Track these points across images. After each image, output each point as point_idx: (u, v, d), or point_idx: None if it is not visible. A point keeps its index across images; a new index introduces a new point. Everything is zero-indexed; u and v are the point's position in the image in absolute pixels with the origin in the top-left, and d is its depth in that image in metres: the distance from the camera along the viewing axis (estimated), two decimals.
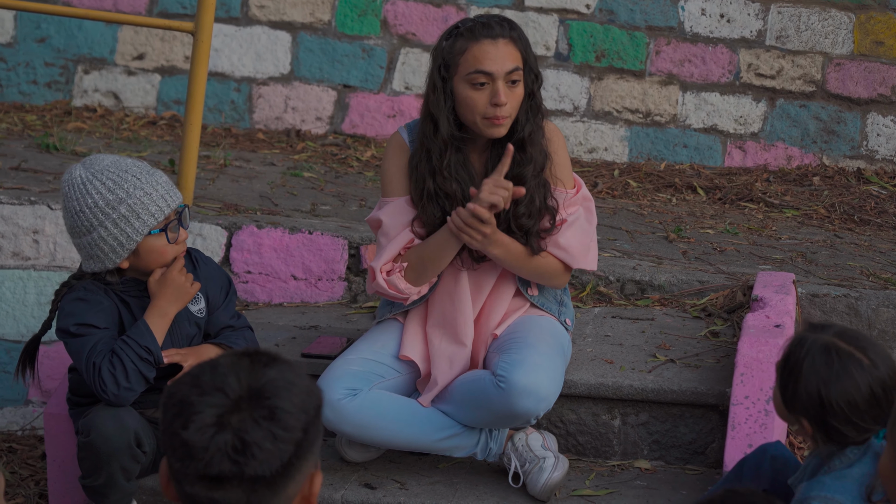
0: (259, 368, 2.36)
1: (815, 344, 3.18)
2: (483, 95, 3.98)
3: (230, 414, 2.31)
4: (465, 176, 4.07)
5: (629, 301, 4.91)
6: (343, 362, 4.09)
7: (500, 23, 4.00)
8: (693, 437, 4.26)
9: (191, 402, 2.33)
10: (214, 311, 4.05)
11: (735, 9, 6.75)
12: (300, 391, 2.37)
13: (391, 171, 4.15)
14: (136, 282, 3.89)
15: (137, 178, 3.78)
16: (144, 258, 3.83)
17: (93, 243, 3.78)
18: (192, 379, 2.36)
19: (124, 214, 3.75)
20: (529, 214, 4.05)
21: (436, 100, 4.02)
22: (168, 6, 6.85)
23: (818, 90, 6.74)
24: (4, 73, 6.86)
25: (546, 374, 3.94)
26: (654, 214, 5.93)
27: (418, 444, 4.09)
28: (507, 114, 3.99)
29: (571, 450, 4.32)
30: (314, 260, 5.01)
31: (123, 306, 3.87)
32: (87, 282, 3.85)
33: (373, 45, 6.84)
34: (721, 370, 4.33)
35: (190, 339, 3.97)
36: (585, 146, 6.82)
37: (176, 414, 2.34)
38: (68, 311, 3.82)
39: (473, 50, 3.97)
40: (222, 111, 6.86)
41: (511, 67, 3.98)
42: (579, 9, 6.78)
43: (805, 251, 5.45)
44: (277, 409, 2.32)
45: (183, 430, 2.31)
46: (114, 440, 3.71)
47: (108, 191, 3.75)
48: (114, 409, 3.76)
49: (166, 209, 3.80)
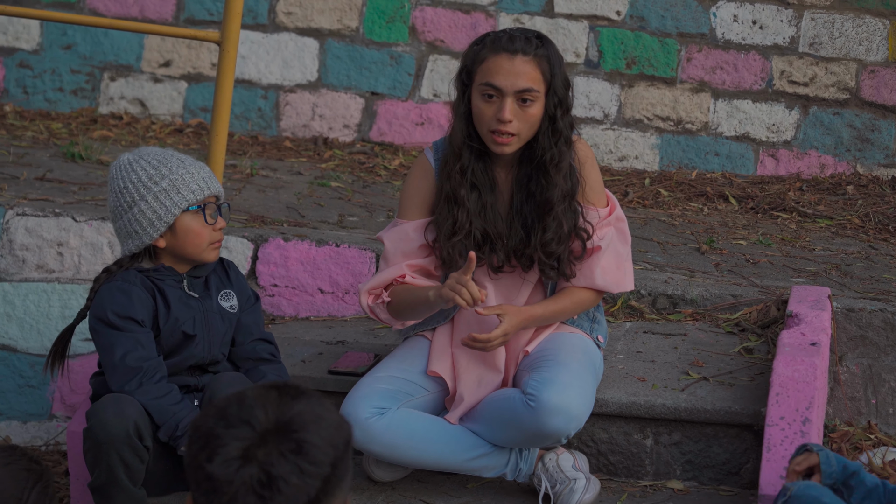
0: (287, 401, 2.31)
1: None
2: (491, 108, 3.92)
3: (256, 447, 2.25)
4: (485, 184, 4.01)
5: (661, 315, 4.83)
6: (371, 380, 4.03)
7: (527, 38, 3.92)
8: (727, 457, 4.19)
9: (216, 434, 2.28)
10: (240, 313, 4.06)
11: (768, 15, 6.66)
12: (329, 425, 2.31)
13: (408, 193, 4.10)
14: (171, 270, 3.94)
15: (181, 161, 3.92)
16: (181, 238, 3.89)
17: (133, 219, 3.87)
18: (217, 411, 2.32)
19: (165, 188, 3.86)
20: (558, 240, 3.98)
21: (455, 104, 3.99)
22: (195, 12, 6.81)
23: (852, 97, 6.65)
24: (31, 81, 6.83)
25: (577, 392, 3.88)
26: (685, 225, 5.85)
27: (447, 464, 4.03)
28: (512, 131, 3.92)
29: (603, 469, 4.25)
30: (341, 273, 4.95)
31: (159, 294, 3.91)
32: (126, 271, 3.91)
33: (401, 52, 6.78)
34: (755, 388, 4.25)
35: (223, 333, 4.00)
36: (616, 154, 6.75)
37: (201, 447, 2.29)
38: (108, 298, 3.86)
39: (489, 62, 3.91)
40: (249, 119, 6.81)
41: (523, 87, 3.89)
42: (610, 15, 6.71)
43: (840, 263, 5.36)
44: (305, 443, 2.26)
45: (208, 462, 2.26)
46: (111, 427, 3.70)
47: (153, 167, 3.89)
48: (115, 396, 3.77)
49: (206, 190, 3.90)
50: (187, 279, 3.97)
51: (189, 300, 3.95)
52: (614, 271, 4.05)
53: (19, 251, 4.89)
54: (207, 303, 3.98)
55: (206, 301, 3.98)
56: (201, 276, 4.00)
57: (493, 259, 4.05)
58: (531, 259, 4.02)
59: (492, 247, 4.04)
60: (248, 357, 4.04)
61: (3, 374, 4.89)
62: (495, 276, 4.08)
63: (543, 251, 3.98)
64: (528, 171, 4.00)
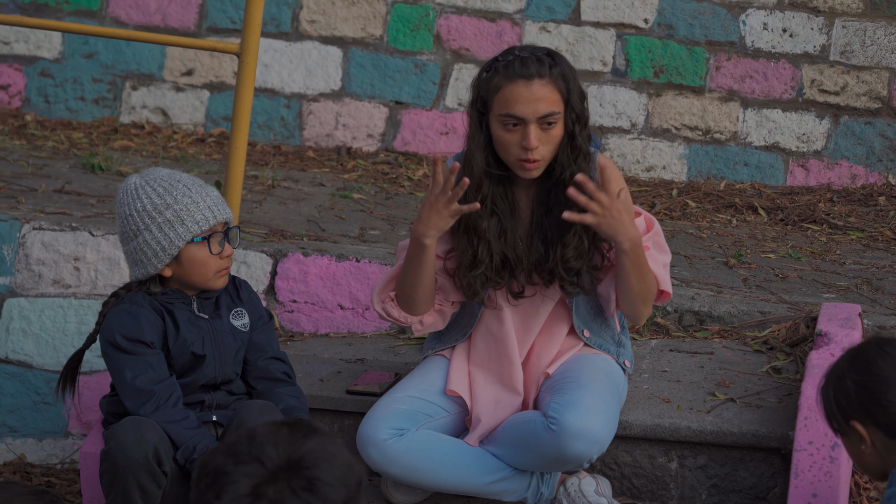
0: (299, 438, 2.26)
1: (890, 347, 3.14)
2: (515, 137, 3.81)
3: (267, 484, 2.21)
4: (505, 209, 3.92)
5: (687, 333, 4.73)
6: (389, 401, 3.95)
7: (539, 60, 3.80)
8: (754, 481, 4.08)
9: (225, 471, 2.23)
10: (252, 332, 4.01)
11: (798, 23, 6.55)
12: (341, 464, 2.26)
13: None
14: (180, 292, 3.91)
15: (188, 188, 3.86)
16: (187, 267, 3.86)
17: (138, 248, 3.84)
18: (227, 448, 2.27)
19: (169, 219, 3.82)
20: (578, 256, 3.89)
21: (472, 133, 3.88)
22: (217, 21, 6.74)
23: (884, 107, 6.54)
24: (52, 90, 6.77)
25: (600, 416, 3.78)
26: (713, 237, 5.75)
27: (467, 487, 3.95)
28: (538, 157, 3.82)
29: (626, 493, 4.15)
30: (361, 289, 4.86)
31: (168, 316, 3.88)
32: (134, 293, 3.88)
33: (425, 60, 6.69)
34: (783, 410, 4.15)
35: (234, 352, 3.95)
36: (643, 164, 6.65)
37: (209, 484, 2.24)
38: (116, 322, 3.84)
39: (506, 91, 3.79)
40: (272, 128, 6.74)
41: (544, 112, 3.79)
42: (637, 23, 6.61)
43: (871, 277, 5.25)
44: (317, 481, 2.21)
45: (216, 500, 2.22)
46: (131, 451, 3.66)
47: (158, 196, 3.84)
48: (135, 420, 3.74)
49: (212, 220, 3.85)
50: (197, 301, 3.93)
51: (198, 321, 3.91)
52: (659, 269, 3.94)
53: (35, 266, 4.83)
54: (217, 322, 3.93)
55: (215, 321, 3.93)
56: (211, 296, 3.95)
57: (514, 285, 3.95)
58: (552, 274, 3.93)
59: (511, 272, 3.95)
60: (262, 376, 4.00)
61: (18, 391, 4.83)
62: (515, 302, 3.99)
63: (563, 267, 3.89)
64: (546, 186, 3.91)
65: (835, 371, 3.22)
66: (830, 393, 3.20)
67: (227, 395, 3.96)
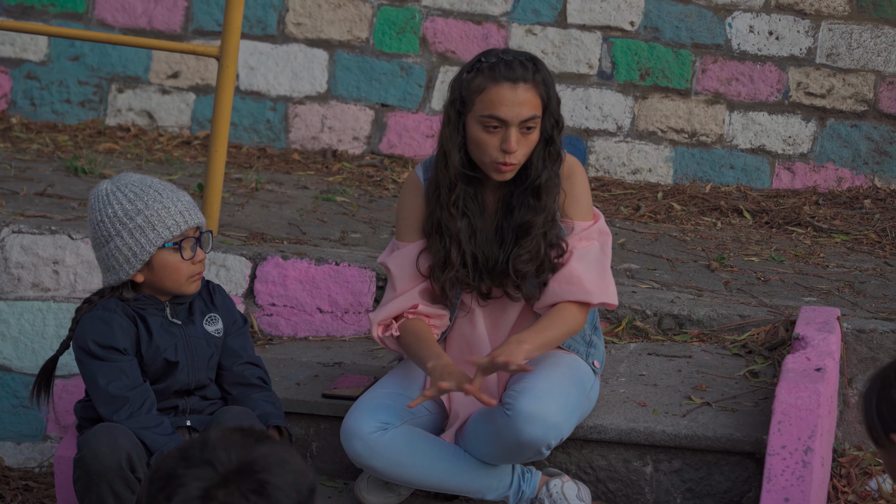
0: (251, 443, 2.27)
1: None
2: (494, 139, 3.82)
3: (217, 488, 2.21)
4: (475, 210, 3.94)
5: (667, 336, 4.72)
6: (375, 395, 3.97)
7: (523, 64, 3.82)
8: (729, 485, 4.08)
9: (177, 474, 2.23)
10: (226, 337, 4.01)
11: (784, 26, 6.55)
12: (293, 469, 2.27)
13: (405, 213, 4.02)
14: (153, 298, 3.91)
15: (158, 193, 3.85)
16: (159, 273, 3.85)
17: (110, 254, 3.85)
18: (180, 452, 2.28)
19: (140, 225, 3.82)
20: (529, 260, 3.89)
21: (448, 133, 3.88)
22: (203, 23, 6.74)
23: (870, 109, 6.53)
24: (38, 93, 6.77)
25: (555, 400, 3.77)
26: (697, 240, 5.74)
27: (450, 483, 3.95)
28: (516, 161, 3.84)
29: (602, 497, 4.15)
30: (341, 292, 4.86)
31: (141, 322, 3.87)
32: (106, 300, 3.88)
33: (411, 63, 6.69)
34: (759, 414, 4.15)
35: (207, 358, 3.95)
36: (629, 167, 6.64)
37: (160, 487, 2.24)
38: (89, 328, 3.84)
39: (491, 92, 3.80)
40: (257, 131, 6.74)
41: (527, 116, 3.81)
42: (623, 26, 6.61)
43: (853, 280, 5.24)
44: (267, 485, 2.22)
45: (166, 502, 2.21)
46: (104, 458, 3.66)
47: (129, 202, 3.84)
48: (108, 426, 3.74)
49: (183, 225, 3.83)
50: (170, 306, 3.92)
51: (171, 327, 3.91)
52: (595, 278, 3.93)
53: (14, 269, 4.83)
54: (191, 328, 3.93)
55: (189, 327, 3.93)
56: (184, 302, 3.94)
57: (482, 286, 3.97)
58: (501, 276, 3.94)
59: (480, 274, 3.96)
60: (237, 382, 3.99)
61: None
62: (484, 304, 4.00)
63: (513, 269, 3.90)
64: (511, 189, 3.92)
65: (881, 378, 2.90)
66: (873, 401, 2.88)
67: (200, 400, 3.96)
